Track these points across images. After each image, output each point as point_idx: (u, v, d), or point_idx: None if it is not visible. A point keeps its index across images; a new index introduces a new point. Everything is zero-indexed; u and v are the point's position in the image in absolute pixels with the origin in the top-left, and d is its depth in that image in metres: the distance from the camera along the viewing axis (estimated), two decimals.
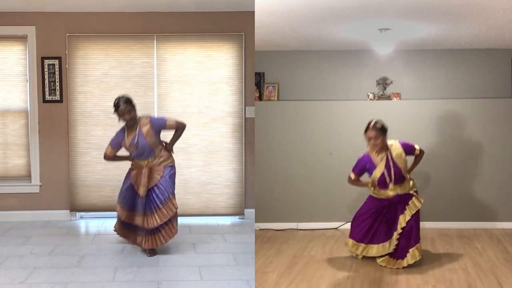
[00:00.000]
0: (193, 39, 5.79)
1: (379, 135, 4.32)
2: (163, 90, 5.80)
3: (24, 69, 5.78)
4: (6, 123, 5.83)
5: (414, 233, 4.31)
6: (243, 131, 5.86)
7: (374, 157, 4.41)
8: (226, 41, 5.81)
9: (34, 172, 5.81)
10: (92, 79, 5.76)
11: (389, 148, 4.39)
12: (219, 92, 5.85)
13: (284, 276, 4.15)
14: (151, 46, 5.77)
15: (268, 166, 5.74)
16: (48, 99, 5.75)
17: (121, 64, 5.76)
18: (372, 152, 4.42)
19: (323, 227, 5.63)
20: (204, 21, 5.75)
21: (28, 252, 4.63)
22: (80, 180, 5.81)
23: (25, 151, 5.85)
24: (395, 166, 4.35)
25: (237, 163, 5.89)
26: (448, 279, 4.01)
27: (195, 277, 4.02)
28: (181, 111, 5.82)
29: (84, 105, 5.77)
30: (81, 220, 5.87)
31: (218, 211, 5.90)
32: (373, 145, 4.36)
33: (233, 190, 5.91)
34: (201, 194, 5.88)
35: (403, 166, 4.37)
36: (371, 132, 4.33)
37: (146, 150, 4.45)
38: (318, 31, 4.76)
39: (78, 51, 5.74)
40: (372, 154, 4.43)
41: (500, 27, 4.53)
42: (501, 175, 5.61)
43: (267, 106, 5.75)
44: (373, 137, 4.32)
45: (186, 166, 5.84)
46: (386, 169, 4.35)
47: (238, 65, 5.83)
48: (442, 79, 5.70)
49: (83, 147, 5.79)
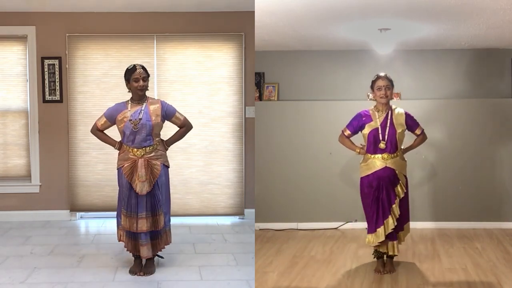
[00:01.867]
0: (193, 39, 5.79)
1: (389, 85, 4.03)
2: (163, 90, 5.80)
3: (24, 69, 5.78)
4: (6, 123, 5.83)
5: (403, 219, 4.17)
6: (243, 131, 5.86)
7: (373, 113, 4.12)
8: (226, 41, 5.81)
9: (34, 172, 5.81)
10: (92, 79, 5.76)
11: (391, 109, 4.12)
12: (219, 92, 5.85)
13: (284, 276, 4.14)
14: (151, 46, 5.77)
15: (268, 166, 5.74)
16: (48, 99, 5.75)
17: (121, 64, 5.73)
18: (374, 109, 4.14)
19: (323, 227, 5.62)
20: (204, 21, 5.75)
21: (28, 252, 4.63)
22: (80, 180, 5.81)
23: (25, 151, 5.85)
24: (391, 126, 4.05)
25: (237, 163, 5.89)
26: (448, 279, 4.01)
27: (195, 277, 4.02)
28: (181, 111, 5.79)
29: (84, 105, 5.77)
30: (81, 220, 5.87)
31: (218, 211, 5.90)
32: (381, 96, 4.02)
33: (233, 190, 5.91)
34: (201, 194, 5.88)
35: (400, 131, 4.06)
36: (383, 81, 4.02)
37: (146, 132, 3.85)
38: (318, 31, 4.76)
39: (78, 51, 5.74)
40: (372, 111, 4.15)
41: (500, 27, 4.53)
42: (501, 175, 5.61)
43: (267, 106, 5.75)
44: (384, 87, 4.01)
45: (186, 166, 5.85)
46: (381, 127, 4.05)
47: (238, 65, 5.83)
48: (442, 79, 5.70)
49: (83, 147, 5.79)
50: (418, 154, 5.60)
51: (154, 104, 3.97)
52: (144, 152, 3.89)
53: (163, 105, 3.99)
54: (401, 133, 4.12)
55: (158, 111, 3.92)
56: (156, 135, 3.97)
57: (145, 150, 3.89)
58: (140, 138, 3.87)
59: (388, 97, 4.08)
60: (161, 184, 3.95)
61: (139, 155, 3.88)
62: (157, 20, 5.73)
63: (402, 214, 4.15)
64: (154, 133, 3.92)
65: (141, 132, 3.86)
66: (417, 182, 5.63)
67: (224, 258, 4.47)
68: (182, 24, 5.76)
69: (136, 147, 3.88)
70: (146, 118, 3.86)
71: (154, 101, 4.03)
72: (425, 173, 5.65)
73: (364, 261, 4.46)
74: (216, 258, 4.48)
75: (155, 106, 3.94)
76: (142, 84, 3.88)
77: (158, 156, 3.94)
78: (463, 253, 4.71)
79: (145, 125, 3.85)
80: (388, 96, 4.07)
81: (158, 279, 3.93)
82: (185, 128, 4.14)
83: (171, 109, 4.04)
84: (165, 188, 4.03)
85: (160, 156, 3.96)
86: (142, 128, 3.85)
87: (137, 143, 3.88)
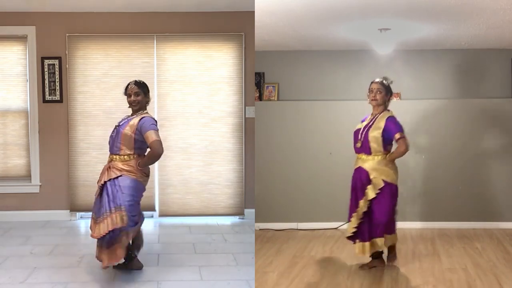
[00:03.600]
0: (193, 39, 5.79)
1: (381, 90, 4.08)
2: (163, 90, 5.80)
3: (24, 69, 5.78)
4: (6, 123, 5.83)
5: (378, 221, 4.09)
6: (243, 131, 5.86)
7: (368, 117, 4.23)
8: (226, 41, 5.81)
9: (34, 172, 5.81)
10: (92, 79, 5.76)
11: (381, 112, 4.13)
12: (219, 92, 5.85)
13: (284, 276, 4.14)
14: (151, 46, 5.77)
15: (268, 166, 5.74)
16: (48, 99, 5.75)
17: (121, 64, 5.76)
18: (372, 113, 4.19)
19: (323, 227, 5.63)
20: (204, 21, 5.75)
21: (28, 252, 4.63)
22: (80, 180, 5.81)
23: (25, 151, 5.85)
24: (369, 128, 4.10)
25: (237, 163, 5.89)
26: (448, 279, 4.00)
27: (195, 277, 4.02)
28: (181, 111, 5.83)
29: (84, 105, 5.77)
30: (81, 220, 5.87)
31: (218, 211, 5.90)
32: (371, 98, 4.10)
33: (233, 190, 5.91)
34: (201, 194, 5.88)
35: (375, 133, 4.04)
36: (375, 84, 4.10)
37: (118, 139, 3.85)
38: (318, 31, 4.76)
39: (78, 51, 5.74)
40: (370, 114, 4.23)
41: (500, 27, 4.53)
42: (501, 175, 5.61)
43: (267, 106, 5.75)
44: (375, 90, 4.09)
45: (186, 166, 5.85)
46: (363, 128, 4.14)
47: (238, 65, 5.83)
48: (442, 79, 5.70)
49: (83, 147, 5.79)
50: (418, 154, 5.62)
51: (136, 118, 3.89)
52: (111, 159, 3.89)
53: (143, 120, 3.84)
54: (375, 136, 4.06)
55: (135, 124, 3.85)
56: (127, 147, 3.83)
57: (115, 158, 3.86)
58: (112, 143, 3.92)
59: (378, 100, 4.11)
60: (123, 185, 3.76)
61: (109, 161, 3.92)
62: (157, 20, 5.73)
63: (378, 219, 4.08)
64: (124, 143, 3.83)
65: (115, 138, 3.90)
66: (417, 182, 5.64)
67: (224, 258, 4.47)
68: (182, 24, 5.76)
69: (110, 153, 3.94)
70: (122, 127, 3.89)
71: (140, 116, 3.90)
72: (425, 173, 5.65)
73: (364, 261, 4.45)
74: (216, 258, 4.48)
75: (134, 121, 3.87)
76: (132, 99, 3.94)
77: (124, 168, 3.81)
78: (463, 253, 4.71)
79: (118, 132, 3.89)
80: (377, 99, 4.11)
81: (158, 279, 3.93)
82: (152, 152, 3.80)
83: (146, 126, 3.80)
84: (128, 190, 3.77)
85: (127, 170, 3.81)
86: (116, 135, 3.90)
87: (110, 148, 3.94)
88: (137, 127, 3.82)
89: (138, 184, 3.86)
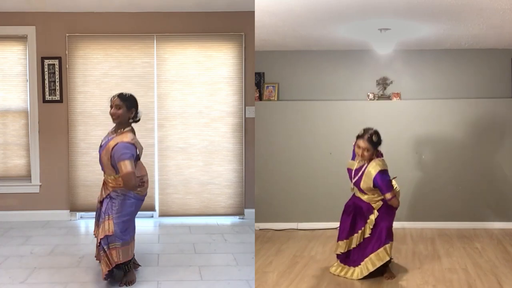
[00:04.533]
0: (193, 39, 5.79)
1: (369, 148, 3.99)
2: (163, 90, 5.81)
3: (24, 69, 5.78)
4: (6, 123, 5.83)
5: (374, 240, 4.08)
6: (243, 131, 5.86)
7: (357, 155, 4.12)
8: (226, 41, 5.81)
9: (34, 172, 5.81)
10: (92, 79, 5.76)
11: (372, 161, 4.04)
12: (219, 92, 5.85)
13: (284, 276, 4.15)
14: (151, 46, 5.77)
15: (268, 166, 5.74)
16: (48, 99, 5.75)
17: (121, 64, 5.76)
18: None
19: (323, 227, 5.62)
20: (204, 21, 5.75)
21: (28, 252, 4.63)
22: (80, 180, 5.81)
23: (25, 151, 5.85)
24: (360, 178, 4.06)
25: (237, 163, 5.89)
26: (448, 279, 4.01)
27: (195, 277, 4.02)
28: (181, 111, 5.83)
29: (84, 105, 5.77)
30: (81, 220, 5.87)
31: (218, 211, 5.90)
32: (359, 155, 4.04)
33: (233, 190, 5.91)
34: (201, 194, 5.88)
35: (366, 187, 4.04)
36: (363, 142, 3.99)
37: (100, 161, 3.77)
38: (318, 31, 4.76)
39: (78, 51, 5.74)
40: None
41: (500, 27, 4.53)
42: (501, 175, 5.61)
43: (267, 106, 5.75)
44: (363, 148, 4.00)
45: (186, 166, 5.85)
46: (354, 172, 4.11)
47: (238, 65, 5.83)
48: (442, 79, 5.70)
49: (83, 147, 5.79)
50: (418, 154, 5.62)
51: (114, 141, 3.63)
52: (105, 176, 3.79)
53: (116, 148, 3.57)
54: (367, 186, 4.04)
55: (109, 150, 3.62)
56: (109, 169, 3.68)
57: (105, 176, 3.78)
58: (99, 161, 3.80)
59: (365, 157, 4.02)
60: (115, 196, 3.69)
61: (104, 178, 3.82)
62: (157, 20, 5.73)
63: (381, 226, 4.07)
64: (105, 166, 3.71)
65: (99, 158, 3.78)
66: (417, 182, 5.63)
67: (224, 258, 4.48)
68: (182, 24, 5.76)
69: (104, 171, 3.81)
70: (102, 148, 3.72)
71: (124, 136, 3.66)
72: (425, 173, 5.65)
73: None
74: (216, 258, 4.48)
75: (113, 143, 3.62)
76: (112, 111, 3.73)
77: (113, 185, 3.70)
78: (463, 253, 4.71)
79: (100, 154, 3.76)
80: (365, 156, 4.02)
81: (158, 279, 3.93)
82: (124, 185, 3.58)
83: (118, 155, 3.53)
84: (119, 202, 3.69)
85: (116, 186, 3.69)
86: (99, 155, 3.78)
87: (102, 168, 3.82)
88: (111, 153, 3.58)
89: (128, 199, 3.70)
